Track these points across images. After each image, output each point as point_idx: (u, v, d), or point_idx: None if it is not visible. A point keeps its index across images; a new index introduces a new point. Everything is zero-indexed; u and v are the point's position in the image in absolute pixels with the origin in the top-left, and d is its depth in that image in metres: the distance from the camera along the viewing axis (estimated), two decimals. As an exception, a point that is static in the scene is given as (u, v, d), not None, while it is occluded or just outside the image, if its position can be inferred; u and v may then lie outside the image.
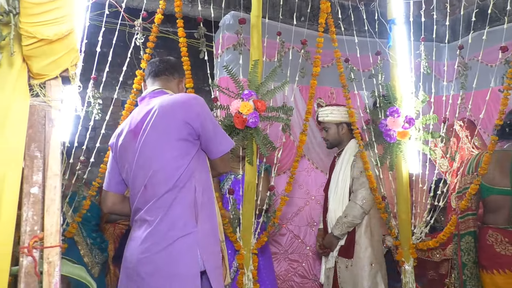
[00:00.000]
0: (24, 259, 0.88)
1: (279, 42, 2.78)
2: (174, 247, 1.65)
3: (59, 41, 0.89)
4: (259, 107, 2.53)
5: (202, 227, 1.72)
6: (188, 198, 1.72)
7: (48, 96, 0.94)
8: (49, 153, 0.93)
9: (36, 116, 0.93)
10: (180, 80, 2.01)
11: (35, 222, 0.89)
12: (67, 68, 0.94)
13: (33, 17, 0.84)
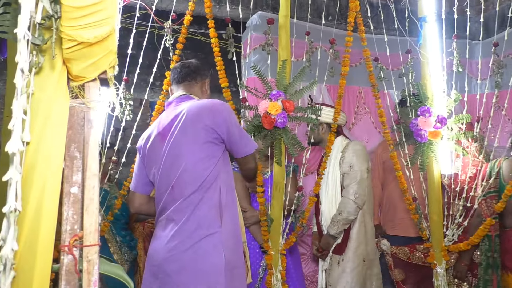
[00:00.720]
0: (65, 257, 0.90)
1: (307, 41, 2.76)
2: (200, 246, 1.70)
3: (99, 43, 0.90)
4: (288, 107, 2.52)
5: (226, 227, 1.78)
6: (213, 199, 1.78)
7: (87, 97, 0.96)
8: (88, 153, 0.95)
9: (75, 118, 0.95)
10: (203, 83, 2.05)
11: (75, 221, 0.91)
12: (105, 70, 0.96)
13: (74, 20, 0.85)
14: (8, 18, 0.90)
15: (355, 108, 3.88)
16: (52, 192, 0.88)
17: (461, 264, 2.78)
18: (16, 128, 0.65)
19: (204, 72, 2.07)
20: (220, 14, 3.78)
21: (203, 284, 1.66)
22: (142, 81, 3.38)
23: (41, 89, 0.87)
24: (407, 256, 2.90)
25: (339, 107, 2.83)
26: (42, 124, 0.87)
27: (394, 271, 2.94)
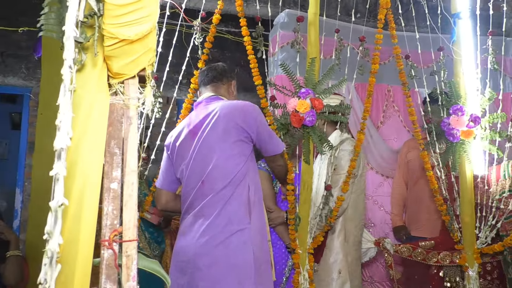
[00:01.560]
0: (105, 251, 0.91)
1: (336, 39, 2.73)
2: (232, 241, 1.75)
3: (139, 41, 0.91)
4: (316, 106, 2.50)
5: (254, 224, 1.84)
6: (243, 195, 1.83)
7: (127, 94, 0.98)
8: (127, 150, 0.96)
9: (115, 114, 0.97)
10: (229, 85, 2.14)
11: (114, 216, 0.93)
12: (145, 67, 0.97)
13: (116, 18, 0.87)
14: (53, 17, 0.92)
15: (383, 107, 3.83)
16: (93, 187, 0.90)
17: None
18: (63, 125, 0.66)
19: (230, 74, 2.16)
20: (247, 12, 3.77)
21: (234, 279, 1.69)
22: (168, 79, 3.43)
23: (82, 86, 0.88)
24: (409, 253, 2.83)
25: (368, 105, 2.79)
26: (84, 120, 0.89)
27: (394, 269, 2.87)
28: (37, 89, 4.28)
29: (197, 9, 3.37)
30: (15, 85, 4.31)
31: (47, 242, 0.78)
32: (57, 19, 0.93)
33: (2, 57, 4.26)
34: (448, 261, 2.76)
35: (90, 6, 0.83)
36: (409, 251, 2.83)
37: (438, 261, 2.77)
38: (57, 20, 0.93)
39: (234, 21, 4.01)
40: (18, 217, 4.25)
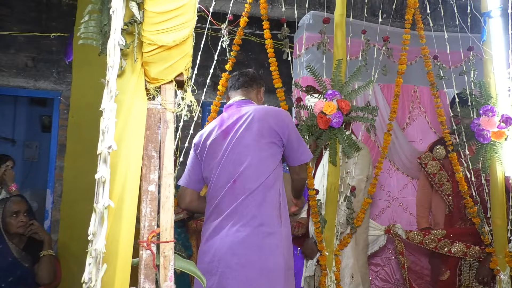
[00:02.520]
0: (144, 252, 0.94)
1: (363, 40, 2.72)
2: (265, 243, 1.78)
3: (177, 46, 0.94)
4: (343, 107, 2.49)
5: (283, 229, 1.87)
6: (275, 200, 1.86)
7: (163, 99, 1.00)
8: (164, 153, 0.99)
9: (152, 118, 1.00)
10: (258, 90, 2.19)
11: (152, 218, 0.95)
12: (182, 72, 0.99)
13: (155, 25, 0.89)
14: (93, 25, 0.95)
15: (409, 108, 3.77)
16: (132, 189, 0.92)
17: (486, 266, 2.66)
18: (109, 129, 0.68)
19: (260, 80, 2.22)
20: (272, 14, 3.79)
21: (266, 281, 1.70)
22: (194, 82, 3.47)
23: (122, 92, 0.91)
24: (421, 239, 2.78)
25: (395, 106, 2.76)
26: (123, 124, 0.91)
27: (404, 257, 2.82)
28: (67, 92, 4.40)
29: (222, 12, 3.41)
30: (46, 88, 4.44)
31: (91, 243, 0.80)
32: (96, 27, 0.96)
33: (33, 62, 4.40)
34: (461, 254, 2.72)
35: (130, 14, 0.86)
36: (420, 238, 2.79)
37: (450, 251, 2.73)
38: (97, 28, 0.96)
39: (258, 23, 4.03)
40: (49, 218, 4.38)
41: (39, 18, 4.40)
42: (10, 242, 2.60)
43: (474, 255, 2.72)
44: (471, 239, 2.76)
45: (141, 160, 0.95)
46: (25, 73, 4.36)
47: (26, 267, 2.60)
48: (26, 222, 2.59)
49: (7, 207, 2.60)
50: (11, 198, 2.72)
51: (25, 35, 4.32)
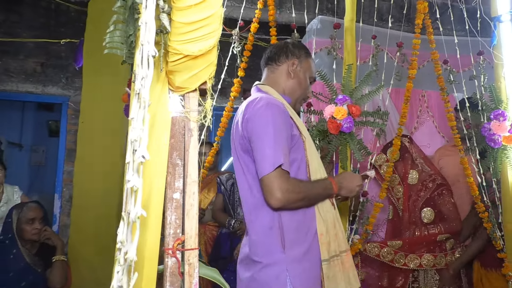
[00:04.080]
0: (169, 259, 0.95)
1: (373, 45, 2.72)
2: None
3: (202, 56, 0.95)
4: (354, 112, 2.49)
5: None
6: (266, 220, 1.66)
7: (187, 107, 1.01)
8: (188, 161, 1.00)
9: (177, 127, 1.00)
10: (287, 64, 1.74)
11: (177, 225, 0.96)
12: (206, 81, 1.00)
13: (182, 35, 0.90)
14: (117, 35, 0.97)
15: (417, 112, 3.78)
16: (157, 197, 0.93)
17: (449, 272, 2.61)
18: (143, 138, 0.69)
19: (291, 50, 1.77)
20: (279, 19, 3.81)
21: None
22: (204, 87, 3.50)
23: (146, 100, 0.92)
24: (378, 252, 2.68)
25: (406, 111, 2.77)
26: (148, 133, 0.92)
27: (359, 270, 2.69)
28: (75, 98, 4.42)
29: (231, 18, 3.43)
30: (54, 94, 4.47)
31: (119, 251, 0.81)
32: (121, 36, 0.98)
33: (42, 68, 4.43)
34: (415, 265, 2.63)
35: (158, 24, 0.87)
36: (377, 250, 2.69)
37: (405, 264, 2.64)
38: (122, 37, 0.97)
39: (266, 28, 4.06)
40: (57, 222, 4.39)
41: (48, 24, 4.44)
42: (23, 247, 2.61)
43: (429, 264, 2.64)
44: (425, 248, 2.68)
45: (165, 168, 0.96)
46: (34, 79, 4.39)
47: (38, 272, 2.62)
48: (40, 229, 2.61)
49: (23, 213, 2.62)
50: (27, 204, 2.73)
51: (34, 41, 4.35)
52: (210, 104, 1.01)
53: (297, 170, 1.61)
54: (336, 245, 1.63)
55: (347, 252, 1.66)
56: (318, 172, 1.66)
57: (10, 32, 4.32)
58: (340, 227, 1.67)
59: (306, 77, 1.79)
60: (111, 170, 3.12)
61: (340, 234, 1.65)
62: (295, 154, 1.61)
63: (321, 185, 1.60)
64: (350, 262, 1.65)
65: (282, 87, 1.74)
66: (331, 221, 1.64)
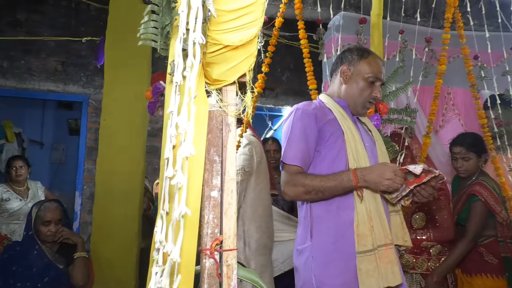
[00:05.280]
0: (207, 260, 0.90)
1: (400, 40, 2.65)
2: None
3: (242, 46, 0.90)
4: (381, 109, 2.42)
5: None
6: (302, 209, 1.80)
7: (225, 101, 0.97)
8: (226, 157, 0.95)
9: (214, 121, 0.96)
10: (343, 69, 1.80)
11: (215, 225, 0.92)
12: (245, 73, 0.95)
13: (222, 24, 0.86)
14: (152, 26, 0.93)
15: (443, 110, 3.68)
16: (194, 195, 0.89)
17: (433, 279, 2.44)
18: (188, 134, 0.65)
19: (343, 56, 1.84)
20: (302, 15, 3.74)
21: None
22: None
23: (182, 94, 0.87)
24: None
25: (435, 108, 2.69)
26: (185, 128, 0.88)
27: None
28: (95, 96, 4.44)
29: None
30: (74, 92, 4.49)
31: (157, 251, 0.77)
32: (156, 27, 0.93)
33: (63, 66, 4.46)
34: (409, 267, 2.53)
35: (196, 13, 0.82)
36: None
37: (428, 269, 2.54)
38: (156, 29, 0.93)
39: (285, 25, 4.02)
40: (77, 219, 4.41)
41: (69, 24, 4.46)
42: (44, 245, 2.61)
43: (408, 265, 2.52)
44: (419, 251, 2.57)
45: (203, 164, 0.92)
46: (55, 77, 4.42)
47: (60, 268, 2.61)
48: (55, 232, 2.59)
49: (40, 212, 2.60)
50: (45, 204, 2.71)
51: (55, 40, 4.38)
52: (250, 97, 0.96)
53: (332, 163, 1.68)
54: (372, 238, 1.60)
55: (387, 246, 1.62)
56: (358, 163, 1.68)
57: (32, 31, 4.36)
58: (379, 220, 1.63)
59: (361, 78, 1.78)
60: (133, 169, 3.10)
61: (379, 228, 1.62)
62: (328, 149, 1.70)
63: (337, 178, 1.62)
64: (390, 258, 1.60)
65: (337, 92, 1.85)
66: (367, 212, 1.62)
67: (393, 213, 1.78)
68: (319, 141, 1.71)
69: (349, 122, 1.75)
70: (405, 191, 1.60)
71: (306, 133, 1.69)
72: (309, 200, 1.69)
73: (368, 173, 1.60)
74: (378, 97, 1.81)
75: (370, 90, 1.78)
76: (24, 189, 3.80)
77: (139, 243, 3.20)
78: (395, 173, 1.57)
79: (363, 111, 1.85)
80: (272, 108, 5.16)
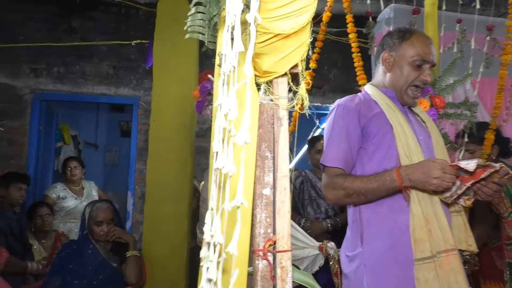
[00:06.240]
0: (260, 262, 0.86)
1: (458, 30, 2.49)
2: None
3: (294, 35, 0.85)
4: (437, 104, 2.28)
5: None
6: (351, 213, 1.70)
7: (276, 94, 0.92)
8: (278, 153, 0.90)
9: (265, 115, 0.92)
10: (385, 56, 1.66)
11: (268, 224, 0.87)
12: (297, 63, 0.90)
13: (272, 11, 0.81)
14: (200, 18, 0.89)
15: (507, 103, 3.43)
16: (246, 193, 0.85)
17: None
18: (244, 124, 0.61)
19: (383, 42, 1.69)
20: (343, 9, 3.64)
21: None
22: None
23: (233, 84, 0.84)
24: None
25: (499, 101, 2.51)
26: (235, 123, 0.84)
27: (339, 279, 2.37)
28: (145, 98, 4.54)
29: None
30: (125, 95, 4.62)
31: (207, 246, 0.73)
32: (203, 19, 0.90)
33: (114, 70, 4.60)
34: None
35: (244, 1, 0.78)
36: None
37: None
38: (204, 22, 0.90)
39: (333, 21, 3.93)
40: (130, 219, 4.53)
41: (119, 29, 4.60)
42: (98, 244, 2.68)
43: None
44: None
45: (254, 161, 0.87)
46: (107, 81, 4.57)
47: (114, 266, 2.67)
48: (108, 232, 2.66)
49: (93, 213, 2.68)
50: (97, 204, 2.79)
51: (107, 45, 4.52)
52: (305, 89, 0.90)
53: (381, 161, 1.55)
54: (431, 244, 1.44)
55: (448, 252, 1.45)
56: (411, 158, 1.53)
57: (85, 37, 4.53)
58: (438, 223, 1.48)
59: (405, 63, 1.62)
60: (182, 168, 3.13)
61: (438, 232, 1.46)
62: (376, 146, 1.57)
63: (379, 179, 1.48)
64: (453, 265, 1.44)
65: (382, 82, 1.71)
66: (423, 215, 1.47)
67: (454, 214, 1.63)
68: (365, 139, 1.59)
69: (398, 114, 1.60)
70: (461, 189, 1.44)
71: (348, 132, 1.58)
72: (352, 203, 1.58)
73: (413, 171, 1.43)
74: (428, 80, 1.63)
75: (417, 74, 1.62)
76: (79, 188, 3.96)
77: (189, 243, 3.23)
78: (444, 171, 1.39)
79: (412, 100, 1.68)
80: (320, 106, 5.06)
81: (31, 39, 4.40)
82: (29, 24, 4.46)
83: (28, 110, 4.41)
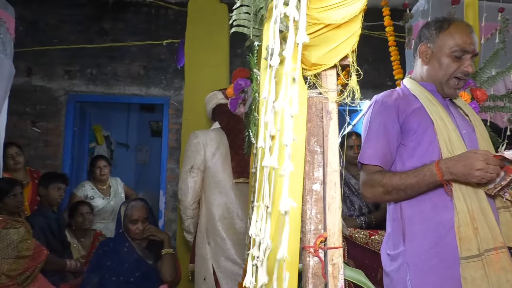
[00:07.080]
0: (311, 259, 0.84)
1: (500, 19, 2.39)
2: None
3: (345, 25, 0.82)
4: (479, 97, 2.21)
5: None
6: (391, 210, 1.68)
7: (325, 87, 0.89)
8: (327, 147, 0.88)
9: (314, 109, 0.89)
10: (422, 48, 1.61)
11: (318, 220, 0.85)
12: (347, 54, 0.87)
13: (323, 1, 0.79)
14: (244, 11, 0.88)
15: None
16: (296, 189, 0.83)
17: None
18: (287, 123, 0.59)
19: (421, 34, 1.64)
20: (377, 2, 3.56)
21: None
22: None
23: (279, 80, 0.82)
24: (366, 239, 2.42)
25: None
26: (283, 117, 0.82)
27: (346, 259, 2.36)
28: (175, 98, 4.58)
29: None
30: (156, 95, 4.67)
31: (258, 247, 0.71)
32: (248, 12, 0.89)
33: (145, 70, 4.66)
34: None
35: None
36: (365, 238, 2.44)
37: None
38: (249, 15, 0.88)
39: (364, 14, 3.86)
40: (162, 217, 4.58)
41: (149, 29, 4.65)
42: (133, 242, 2.72)
43: None
44: None
45: (303, 156, 0.85)
46: (138, 81, 4.63)
47: (150, 264, 2.71)
48: (143, 230, 2.70)
49: (128, 211, 2.73)
50: (132, 203, 2.83)
51: (137, 45, 4.59)
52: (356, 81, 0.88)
53: (422, 157, 1.50)
54: (477, 241, 1.39)
55: (497, 250, 1.39)
56: (453, 154, 1.47)
57: (116, 39, 4.60)
58: (485, 220, 1.42)
59: (444, 54, 1.56)
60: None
61: (485, 229, 1.40)
62: (417, 142, 1.52)
63: (418, 174, 1.44)
64: (503, 263, 1.38)
65: (419, 75, 1.66)
66: (469, 212, 1.41)
67: (502, 209, 1.56)
68: (405, 135, 1.54)
69: (439, 108, 1.55)
70: (505, 180, 1.36)
71: (386, 128, 1.54)
72: (392, 200, 1.55)
73: (454, 164, 1.38)
74: (469, 71, 1.56)
75: (457, 66, 1.55)
76: (107, 187, 3.99)
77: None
78: (487, 162, 1.33)
79: (453, 91, 1.60)
80: (350, 102, 5.00)
81: (64, 41, 4.51)
82: (63, 27, 4.57)
83: (62, 111, 4.52)
